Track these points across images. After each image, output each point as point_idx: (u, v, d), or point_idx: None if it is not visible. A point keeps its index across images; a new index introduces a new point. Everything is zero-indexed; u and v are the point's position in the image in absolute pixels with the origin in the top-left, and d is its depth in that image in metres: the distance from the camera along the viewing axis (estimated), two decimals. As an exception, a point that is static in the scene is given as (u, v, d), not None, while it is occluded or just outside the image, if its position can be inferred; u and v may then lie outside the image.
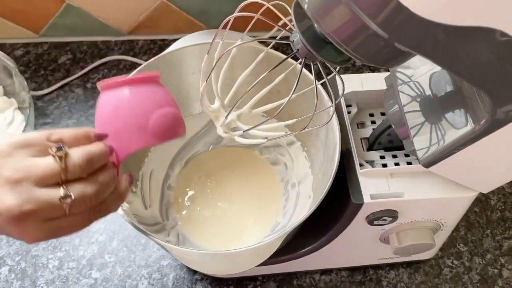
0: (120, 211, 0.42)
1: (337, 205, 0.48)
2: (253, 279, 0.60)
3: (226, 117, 0.42)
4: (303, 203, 0.55)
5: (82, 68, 0.76)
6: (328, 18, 0.30)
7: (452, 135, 0.38)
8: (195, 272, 0.60)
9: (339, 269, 0.60)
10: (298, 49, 0.36)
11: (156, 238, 0.41)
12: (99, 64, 0.76)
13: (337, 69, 0.40)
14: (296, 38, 0.35)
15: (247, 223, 0.57)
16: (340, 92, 0.44)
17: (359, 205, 0.44)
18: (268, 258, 0.54)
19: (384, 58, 0.30)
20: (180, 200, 0.58)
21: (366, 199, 0.44)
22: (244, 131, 0.41)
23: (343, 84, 0.41)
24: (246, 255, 0.43)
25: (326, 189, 0.42)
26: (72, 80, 0.75)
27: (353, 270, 0.61)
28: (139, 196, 0.53)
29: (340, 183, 0.46)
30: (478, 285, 0.59)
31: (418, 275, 0.60)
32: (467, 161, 0.39)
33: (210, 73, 0.41)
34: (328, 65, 0.37)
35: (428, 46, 0.28)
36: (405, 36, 0.28)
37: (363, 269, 0.61)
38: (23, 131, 0.61)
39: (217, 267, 0.45)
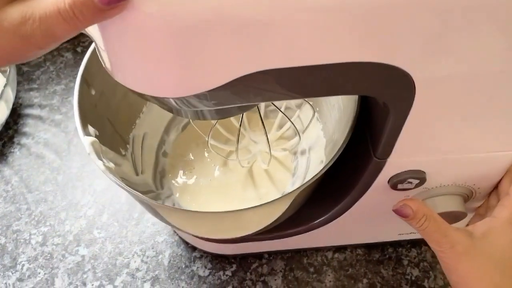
0: (101, 166, 0.36)
1: (354, 167, 0.41)
2: (258, 256, 0.54)
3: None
4: (314, 169, 0.49)
5: (72, 31, 0.70)
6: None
7: None
8: (194, 248, 0.54)
9: (355, 246, 0.54)
10: None
11: (150, 200, 0.34)
12: (90, 27, 0.70)
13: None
14: None
15: (251, 193, 0.51)
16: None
17: (382, 163, 0.38)
18: (276, 231, 0.48)
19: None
20: (176, 168, 0.52)
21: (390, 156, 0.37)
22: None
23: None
24: (252, 215, 0.36)
25: (347, 134, 0.36)
26: (61, 44, 0.69)
27: (370, 247, 0.54)
28: (129, 160, 0.47)
29: (358, 141, 0.40)
30: (511, 264, 0.52)
31: (443, 253, 0.54)
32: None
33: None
34: None
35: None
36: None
37: (381, 246, 0.54)
38: (2, 91, 0.55)
39: (217, 229, 0.39)
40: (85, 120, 0.39)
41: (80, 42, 0.69)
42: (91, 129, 0.39)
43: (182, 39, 0.23)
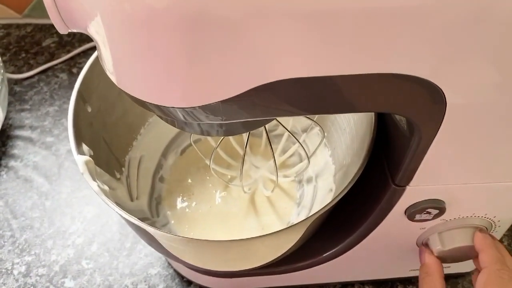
0: (95, 187, 0.32)
1: (369, 195, 0.39)
2: (259, 292, 0.50)
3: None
4: (322, 198, 0.46)
5: (69, 52, 0.68)
6: None
7: None
8: (189, 283, 0.50)
9: (362, 283, 0.51)
10: None
11: (149, 227, 0.31)
12: (88, 48, 0.68)
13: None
14: None
15: (253, 222, 0.47)
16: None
17: (400, 190, 0.35)
18: (280, 265, 0.45)
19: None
20: (174, 195, 0.49)
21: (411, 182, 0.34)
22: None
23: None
24: (260, 245, 0.33)
25: (363, 159, 0.33)
26: (56, 64, 0.66)
27: (378, 284, 0.51)
28: (124, 184, 0.44)
29: (373, 166, 0.37)
30: (529, 304, 0.49)
31: (456, 291, 0.50)
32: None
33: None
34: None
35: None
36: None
37: (391, 283, 0.51)
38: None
39: (221, 260, 0.36)
40: (80, 138, 0.36)
41: (77, 63, 0.67)
42: (85, 148, 0.36)
43: (195, 38, 0.21)
